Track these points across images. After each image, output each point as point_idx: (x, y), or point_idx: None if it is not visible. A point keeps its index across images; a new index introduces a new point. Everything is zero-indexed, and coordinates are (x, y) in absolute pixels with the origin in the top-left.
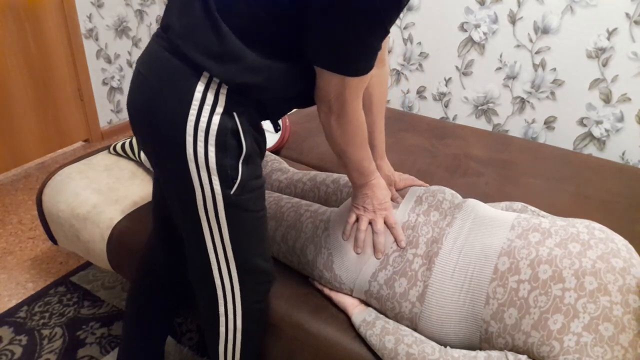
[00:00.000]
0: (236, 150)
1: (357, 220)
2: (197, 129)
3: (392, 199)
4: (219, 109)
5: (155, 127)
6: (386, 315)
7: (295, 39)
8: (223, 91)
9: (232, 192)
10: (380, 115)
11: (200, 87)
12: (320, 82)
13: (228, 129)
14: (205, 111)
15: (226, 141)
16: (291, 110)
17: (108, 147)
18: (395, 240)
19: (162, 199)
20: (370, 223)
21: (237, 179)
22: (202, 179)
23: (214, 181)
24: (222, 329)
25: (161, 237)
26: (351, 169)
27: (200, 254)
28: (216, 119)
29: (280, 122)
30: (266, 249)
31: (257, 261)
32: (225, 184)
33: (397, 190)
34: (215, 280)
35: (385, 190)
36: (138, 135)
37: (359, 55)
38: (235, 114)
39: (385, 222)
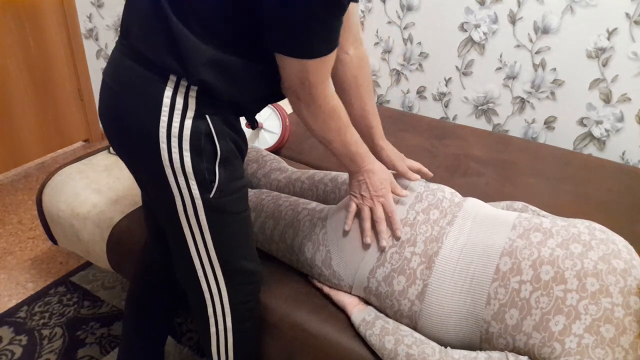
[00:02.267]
0: (211, 153)
1: (358, 209)
2: (169, 135)
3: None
4: (190, 113)
5: (128, 137)
6: (385, 314)
7: (251, 30)
8: (192, 94)
9: (211, 196)
10: (368, 96)
11: (168, 92)
12: (283, 72)
13: (201, 132)
14: (176, 116)
15: (200, 145)
16: (264, 106)
17: (108, 147)
18: (391, 228)
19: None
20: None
21: (215, 182)
22: (180, 185)
23: (192, 186)
24: (212, 329)
25: (155, 238)
26: (339, 155)
27: (185, 258)
28: (188, 123)
29: (280, 122)
30: (251, 250)
31: (242, 262)
32: (204, 188)
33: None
34: (201, 282)
35: (382, 175)
36: (112, 145)
37: (316, 36)
38: (207, 116)
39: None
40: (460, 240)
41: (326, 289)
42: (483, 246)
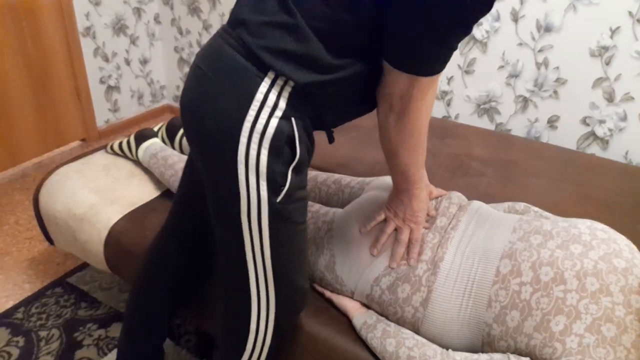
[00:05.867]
0: (289, 156)
1: (385, 221)
2: (252, 131)
3: (428, 213)
4: (278, 113)
5: (208, 125)
6: (387, 319)
7: (369, 40)
8: (285, 94)
9: (278, 200)
10: (428, 121)
11: (263, 88)
12: (387, 80)
13: (284, 134)
14: (264, 113)
15: (280, 146)
16: (349, 120)
17: (105, 147)
18: (408, 255)
19: (194, 192)
20: (395, 229)
21: (285, 186)
22: (250, 183)
23: (261, 186)
24: (249, 345)
25: (180, 240)
26: (396, 171)
27: (237, 263)
28: (274, 122)
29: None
30: (305, 266)
31: (294, 277)
32: (273, 190)
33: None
34: (252, 292)
35: (423, 204)
36: (188, 132)
37: (437, 56)
38: (293, 119)
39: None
40: (462, 244)
41: (327, 294)
42: (484, 249)
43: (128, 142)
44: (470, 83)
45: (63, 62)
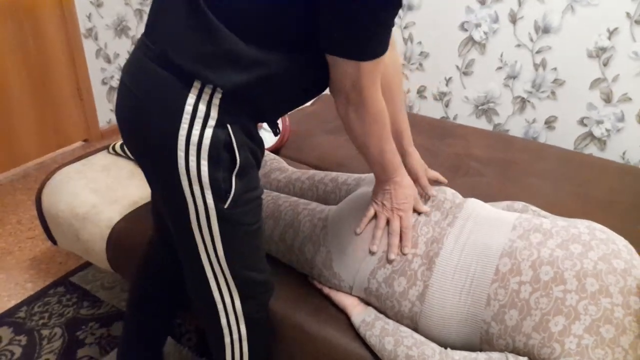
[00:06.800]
0: (230, 163)
1: (375, 216)
2: (188, 144)
3: (423, 188)
4: (211, 122)
5: (144, 141)
6: (386, 315)
7: (295, 29)
8: (215, 101)
9: (225, 206)
10: (400, 101)
11: (190, 100)
12: (335, 74)
13: (221, 142)
14: (197, 124)
15: (219, 154)
16: (289, 110)
17: (107, 147)
18: (401, 243)
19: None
20: (387, 221)
21: (230, 192)
22: (195, 193)
23: (206, 195)
24: (227, 340)
25: (162, 237)
26: (373, 162)
27: (196, 268)
28: (208, 132)
29: (279, 123)
30: (260, 261)
31: (251, 274)
32: (219, 198)
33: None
34: (214, 292)
35: (409, 190)
36: (129, 148)
37: (374, 36)
38: (228, 125)
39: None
40: (460, 241)
41: (326, 290)
42: (483, 247)
43: None
44: (469, 84)
45: (65, 63)
